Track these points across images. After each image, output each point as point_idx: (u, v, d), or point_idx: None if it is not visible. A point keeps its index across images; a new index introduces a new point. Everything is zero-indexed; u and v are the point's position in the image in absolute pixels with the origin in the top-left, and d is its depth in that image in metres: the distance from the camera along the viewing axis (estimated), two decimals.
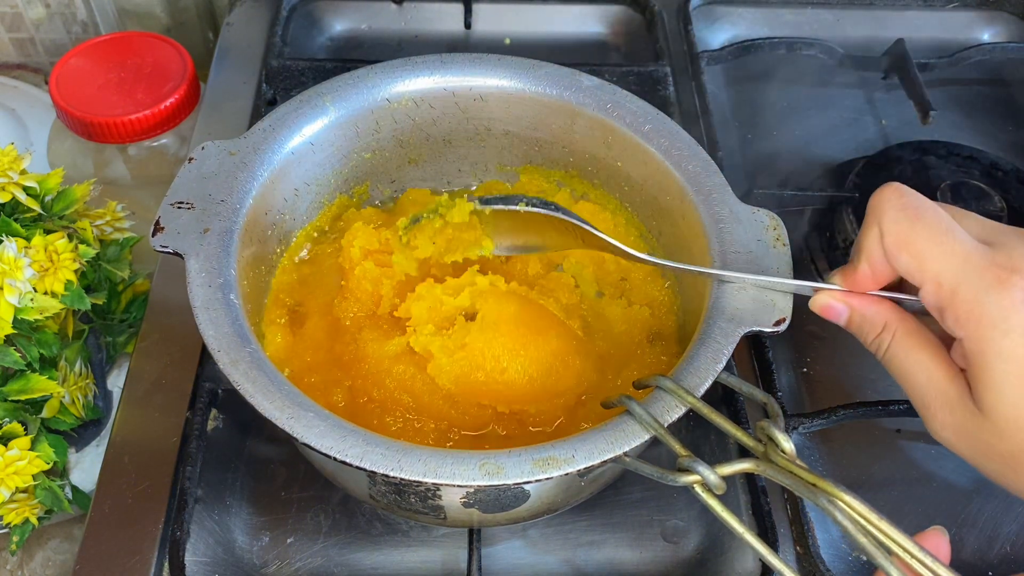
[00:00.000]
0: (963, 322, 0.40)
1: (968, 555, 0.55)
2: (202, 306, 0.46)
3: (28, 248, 0.55)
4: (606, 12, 0.86)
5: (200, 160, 0.53)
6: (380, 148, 0.61)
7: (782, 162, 0.76)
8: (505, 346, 0.51)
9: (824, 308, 0.47)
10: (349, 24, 0.85)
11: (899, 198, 0.42)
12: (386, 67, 0.58)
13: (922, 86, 0.75)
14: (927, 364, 0.42)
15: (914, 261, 0.41)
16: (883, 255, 0.42)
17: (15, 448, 0.54)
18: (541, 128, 0.61)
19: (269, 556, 0.53)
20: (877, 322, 0.44)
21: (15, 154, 0.58)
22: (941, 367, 0.42)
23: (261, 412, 0.42)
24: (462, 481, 0.40)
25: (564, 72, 0.59)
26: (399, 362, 0.52)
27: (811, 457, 0.59)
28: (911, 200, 0.42)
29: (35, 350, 0.56)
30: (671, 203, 0.56)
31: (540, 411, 0.52)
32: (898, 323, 0.44)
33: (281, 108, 0.56)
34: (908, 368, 0.43)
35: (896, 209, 0.42)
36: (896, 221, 0.41)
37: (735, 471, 0.40)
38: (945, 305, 0.40)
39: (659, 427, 0.42)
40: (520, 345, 0.51)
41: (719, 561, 0.54)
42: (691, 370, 0.45)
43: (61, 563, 0.63)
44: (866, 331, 0.45)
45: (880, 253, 0.42)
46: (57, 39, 0.88)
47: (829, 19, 0.87)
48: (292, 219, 0.58)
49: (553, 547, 0.54)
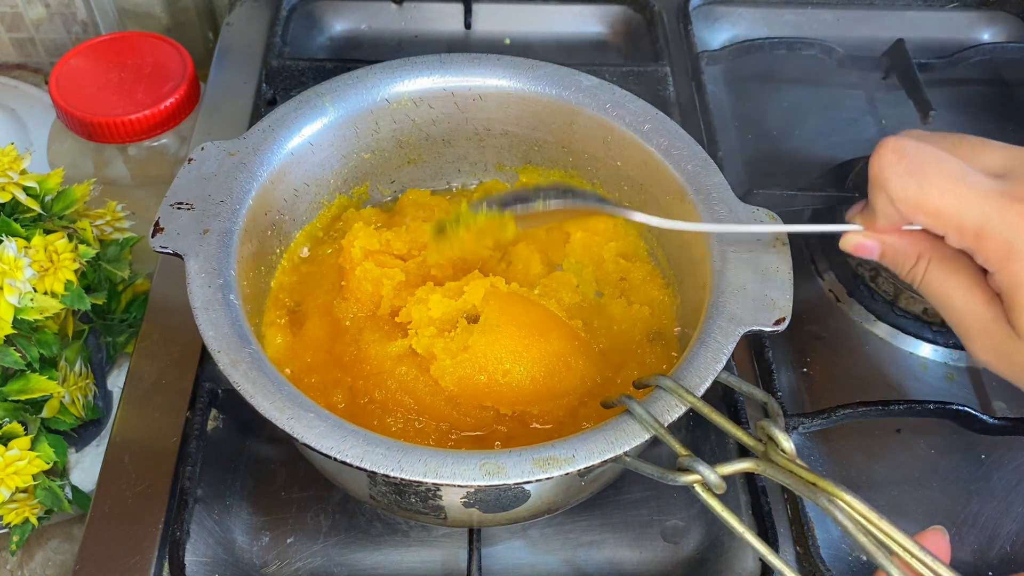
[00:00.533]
0: (992, 260, 0.40)
1: (968, 555, 0.55)
2: (202, 307, 0.46)
3: (28, 248, 0.55)
4: (606, 12, 0.86)
5: (200, 161, 0.53)
6: (379, 148, 0.61)
7: (782, 162, 0.76)
8: (508, 348, 0.50)
9: (857, 247, 0.47)
10: (349, 24, 0.85)
11: (899, 160, 0.42)
12: (385, 67, 0.58)
13: (922, 86, 0.75)
14: (963, 290, 0.43)
15: (930, 219, 0.41)
16: (898, 214, 0.42)
17: (15, 448, 0.54)
18: (540, 128, 0.61)
19: (269, 556, 0.53)
20: (911, 253, 0.44)
21: (15, 154, 0.58)
22: (977, 292, 0.42)
23: (261, 413, 0.42)
24: (462, 481, 0.40)
25: (563, 72, 0.59)
26: (401, 363, 0.52)
27: (811, 457, 0.59)
28: (913, 159, 0.41)
29: (35, 350, 0.56)
30: (671, 203, 0.55)
31: (543, 411, 0.52)
32: (932, 251, 0.44)
33: (280, 108, 0.56)
34: (945, 294, 0.43)
35: (899, 175, 0.41)
36: (903, 187, 0.41)
37: (735, 470, 0.40)
38: (972, 246, 0.40)
39: (659, 427, 0.42)
40: (523, 347, 0.51)
41: (719, 561, 0.54)
42: (691, 369, 0.45)
43: (61, 563, 0.63)
44: (900, 263, 0.45)
45: (894, 212, 0.42)
46: (57, 39, 0.88)
47: (829, 19, 0.87)
48: (291, 219, 0.58)
49: (553, 547, 0.54)
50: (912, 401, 0.58)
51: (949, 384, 0.63)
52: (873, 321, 0.65)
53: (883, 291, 0.65)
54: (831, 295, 0.67)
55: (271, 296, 0.56)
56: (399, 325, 0.54)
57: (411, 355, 0.52)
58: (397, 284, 0.55)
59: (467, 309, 0.53)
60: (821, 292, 0.67)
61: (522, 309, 0.52)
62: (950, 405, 0.58)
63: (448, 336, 0.51)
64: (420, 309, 0.52)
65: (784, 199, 0.68)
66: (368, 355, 0.52)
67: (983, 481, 0.58)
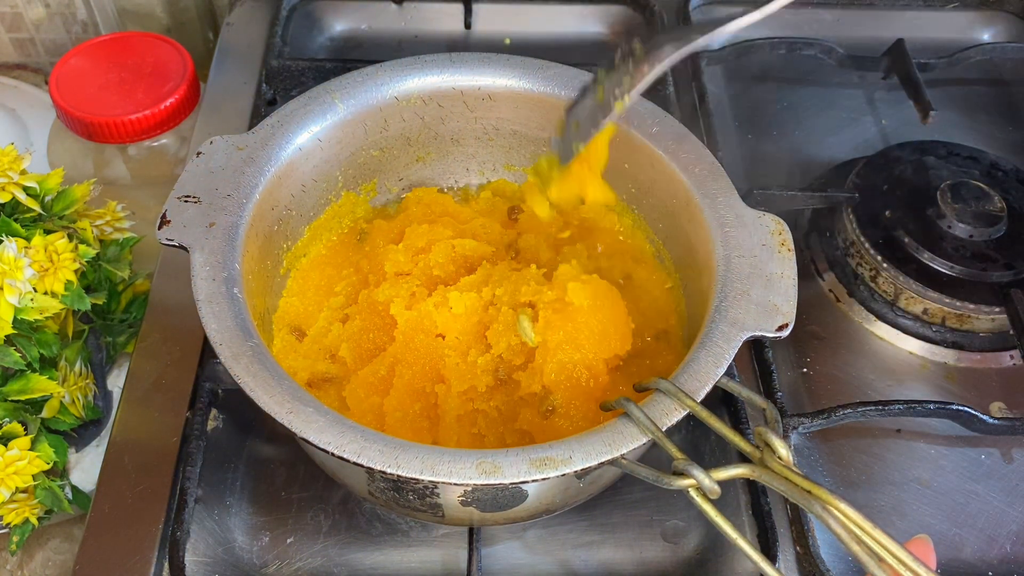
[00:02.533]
0: None
1: (968, 555, 0.55)
2: (205, 300, 0.46)
3: (28, 248, 0.55)
4: (606, 12, 0.86)
5: (208, 155, 0.53)
6: (388, 146, 0.61)
7: (782, 162, 0.76)
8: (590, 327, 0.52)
9: None
10: (349, 24, 0.85)
11: None
12: (395, 65, 0.58)
13: (922, 86, 0.75)
14: None
15: None
16: None
17: (15, 448, 0.54)
18: (549, 128, 0.60)
19: (269, 556, 0.53)
20: None
21: (15, 154, 0.58)
22: None
23: (261, 406, 0.42)
24: (459, 479, 0.40)
25: (572, 73, 0.59)
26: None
27: (811, 457, 0.59)
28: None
29: (35, 350, 0.56)
30: (677, 206, 0.56)
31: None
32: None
33: (290, 104, 0.56)
34: None
35: None
36: None
37: (730, 476, 0.40)
38: None
39: (657, 431, 0.42)
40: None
41: (719, 561, 0.54)
42: (691, 373, 0.45)
43: (61, 563, 0.63)
44: None
45: None
46: (57, 39, 0.88)
47: (829, 19, 0.87)
48: (299, 215, 0.58)
49: (553, 547, 0.54)
50: (912, 401, 0.58)
51: (949, 384, 0.63)
52: (873, 321, 0.65)
53: (883, 291, 0.65)
54: (831, 295, 0.67)
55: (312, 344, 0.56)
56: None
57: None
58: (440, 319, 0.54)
59: (491, 300, 0.53)
60: (821, 292, 0.68)
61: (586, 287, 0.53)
62: (950, 405, 0.58)
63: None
64: (443, 311, 0.53)
65: (784, 199, 0.68)
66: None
67: (983, 481, 0.58)
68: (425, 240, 0.57)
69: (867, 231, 0.66)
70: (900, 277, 0.64)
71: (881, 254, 0.65)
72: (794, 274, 0.50)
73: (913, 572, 0.34)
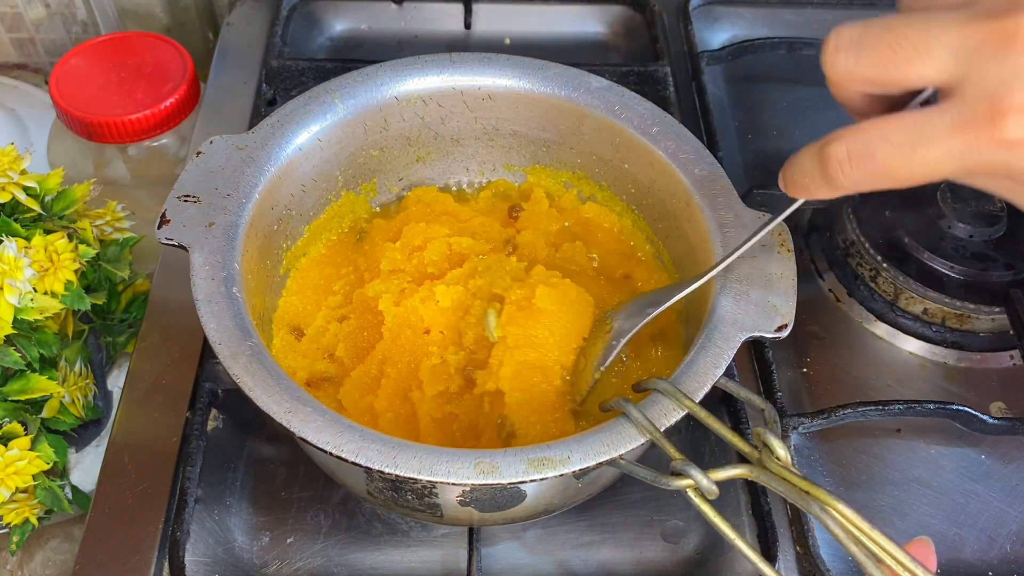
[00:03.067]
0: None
1: (968, 555, 0.55)
2: (204, 299, 0.46)
3: (28, 248, 0.55)
4: (606, 12, 0.86)
5: (208, 154, 0.53)
6: (388, 146, 0.61)
7: (782, 162, 0.75)
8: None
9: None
10: (349, 24, 0.85)
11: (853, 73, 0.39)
12: (395, 65, 0.58)
13: None
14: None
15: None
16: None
17: (15, 448, 0.54)
18: (549, 128, 0.61)
19: (269, 556, 0.53)
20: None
21: (15, 154, 0.58)
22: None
23: (259, 406, 0.42)
24: (457, 479, 0.40)
25: (573, 73, 0.59)
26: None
27: (811, 457, 0.59)
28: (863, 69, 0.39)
29: (35, 350, 0.56)
30: (677, 206, 0.56)
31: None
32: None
33: (290, 104, 0.56)
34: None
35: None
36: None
37: (728, 476, 0.40)
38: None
39: (655, 431, 0.42)
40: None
41: (719, 561, 0.54)
42: (691, 374, 0.45)
43: (61, 563, 0.63)
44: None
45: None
46: (57, 39, 0.88)
47: (829, 19, 0.87)
48: (299, 214, 0.58)
49: (553, 547, 0.54)
50: (912, 401, 0.58)
51: (949, 384, 0.63)
52: (873, 321, 0.65)
53: (883, 291, 0.65)
54: (831, 295, 0.67)
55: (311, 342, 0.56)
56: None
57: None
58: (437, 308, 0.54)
59: (478, 293, 0.54)
60: (821, 292, 0.67)
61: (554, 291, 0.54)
62: (950, 405, 0.58)
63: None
64: (429, 305, 0.53)
65: (784, 199, 0.68)
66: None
67: (983, 481, 0.58)
68: (422, 238, 0.57)
69: (867, 231, 0.66)
70: (900, 277, 0.64)
71: (881, 254, 0.65)
72: (794, 274, 0.49)
73: (911, 573, 0.34)
